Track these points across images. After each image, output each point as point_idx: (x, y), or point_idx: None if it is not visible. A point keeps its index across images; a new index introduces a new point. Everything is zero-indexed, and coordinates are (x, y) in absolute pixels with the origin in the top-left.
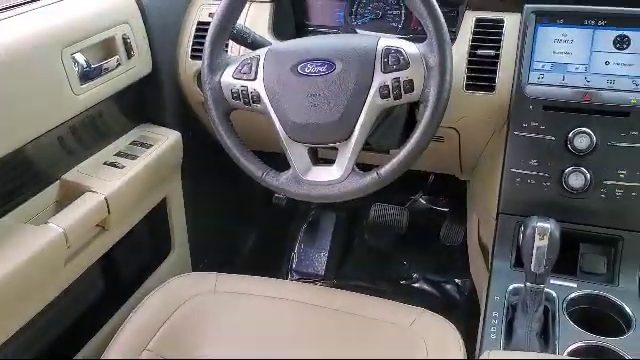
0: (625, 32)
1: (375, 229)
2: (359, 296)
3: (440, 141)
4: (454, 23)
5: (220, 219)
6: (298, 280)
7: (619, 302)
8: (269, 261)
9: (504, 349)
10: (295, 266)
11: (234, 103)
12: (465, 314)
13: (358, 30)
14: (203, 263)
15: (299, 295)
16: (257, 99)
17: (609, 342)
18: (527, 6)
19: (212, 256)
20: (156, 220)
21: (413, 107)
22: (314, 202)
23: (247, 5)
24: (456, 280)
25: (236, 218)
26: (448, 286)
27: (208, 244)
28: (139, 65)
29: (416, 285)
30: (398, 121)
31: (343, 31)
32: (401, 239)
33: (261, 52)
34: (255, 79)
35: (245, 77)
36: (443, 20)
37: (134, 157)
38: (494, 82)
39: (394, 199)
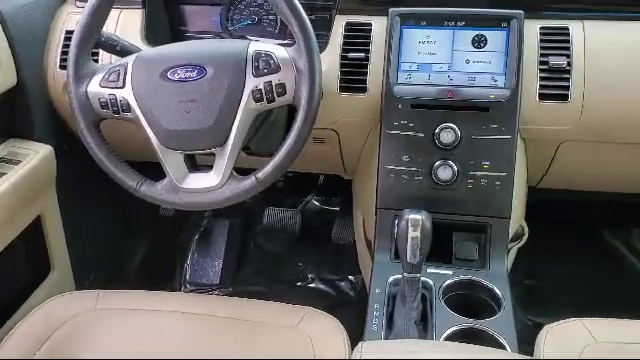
0: (482, 32)
1: (269, 233)
2: (245, 301)
3: (321, 142)
4: (329, 27)
5: (104, 234)
6: (192, 291)
7: (490, 285)
8: (161, 274)
9: (385, 339)
10: (189, 277)
11: (103, 113)
12: (358, 309)
13: (235, 35)
14: (88, 281)
15: (184, 306)
16: (127, 107)
17: (481, 324)
18: (392, 9)
19: (98, 273)
20: (31, 240)
21: (292, 110)
22: (197, 210)
23: (117, 12)
24: (349, 277)
25: (122, 231)
26: (342, 283)
27: (93, 261)
28: (1, 78)
29: (312, 285)
30: (278, 124)
31: (219, 37)
32: (296, 241)
33: (129, 59)
34: (124, 87)
35: (113, 85)
36: (309, 25)
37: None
38: (365, 84)
39: (287, 202)
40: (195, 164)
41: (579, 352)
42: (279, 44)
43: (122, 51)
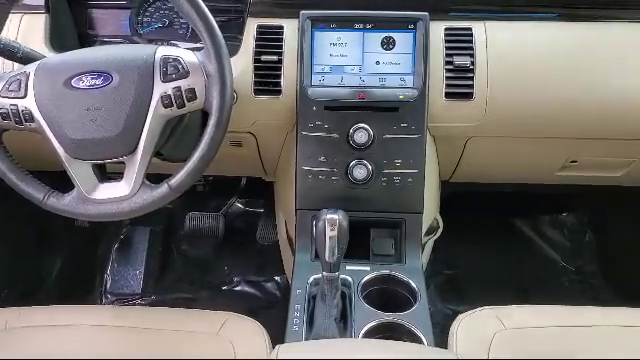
0: (390, 34)
1: (192, 238)
2: (164, 311)
3: (239, 146)
4: (241, 30)
5: (17, 248)
6: (114, 302)
7: (406, 279)
8: (80, 286)
9: (306, 339)
10: (109, 288)
11: (4, 124)
12: (284, 309)
13: (145, 39)
14: (0, 298)
15: (100, 319)
16: (30, 117)
17: (398, 317)
18: (302, 12)
19: (11, 290)
20: None
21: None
22: (109, 221)
23: (19, 17)
24: (275, 277)
25: (37, 245)
26: (268, 284)
27: (4, 277)
28: None
29: (238, 288)
30: (191, 129)
31: (130, 41)
32: (220, 245)
33: (31, 67)
34: (25, 96)
35: (14, 95)
36: (217, 28)
37: None
38: (280, 86)
39: (210, 206)
40: (105, 174)
41: (490, 339)
42: (191, 48)
43: (24, 58)
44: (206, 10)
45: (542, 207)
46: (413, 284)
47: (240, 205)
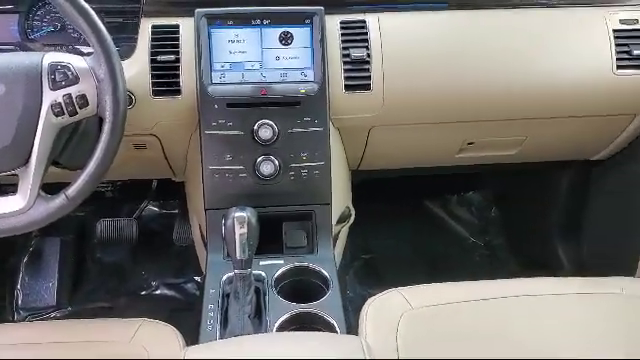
0: (288, 29)
1: (106, 246)
2: (74, 322)
3: (143, 148)
4: (136, 31)
5: None
6: (26, 317)
7: (318, 268)
8: None
9: (221, 338)
10: (21, 303)
11: None
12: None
13: (39, 44)
14: None
15: (10, 338)
16: None
17: (311, 306)
18: (197, 10)
19: None
20: None
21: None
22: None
23: None
24: (195, 278)
25: None
26: (188, 285)
27: None
28: None
29: (157, 292)
30: (89, 136)
31: (21, 47)
32: (135, 250)
33: None
34: None
35: None
36: (104, 30)
37: None
38: (179, 86)
39: (122, 211)
40: None
41: (397, 320)
42: (84, 52)
43: None
44: (91, 12)
45: (450, 187)
46: (325, 273)
47: (154, 208)
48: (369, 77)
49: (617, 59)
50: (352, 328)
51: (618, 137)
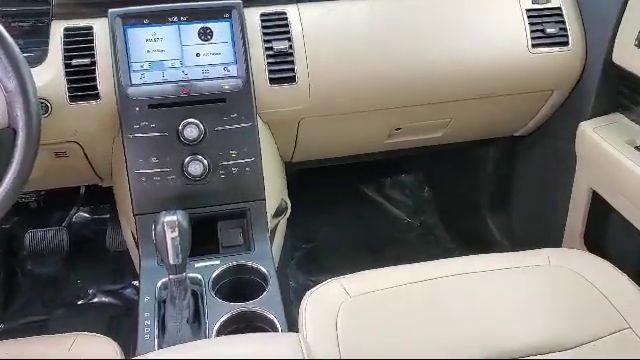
0: (206, 24)
1: (37, 257)
2: (2, 343)
3: (65, 156)
4: (47, 35)
5: None
6: None
7: (256, 265)
8: None
9: (159, 347)
10: None
11: None
12: None
13: None
14: None
15: None
16: None
17: (249, 305)
18: (111, 11)
19: None
20: None
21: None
22: None
23: None
24: (133, 282)
25: None
26: (127, 291)
27: None
28: None
29: (95, 301)
30: (4, 149)
31: None
32: (68, 259)
33: None
34: None
35: None
36: (9, 38)
37: None
38: (96, 90)
39: (52, 220)
40: None
41: (336, 310)
42: None
43: None
44: None
45: (383, 171)
46: (263, 269)
47: (84, 214)
48: (293, 69)
49: (532, 38)
50: (295, 321)
51: (538, 113)
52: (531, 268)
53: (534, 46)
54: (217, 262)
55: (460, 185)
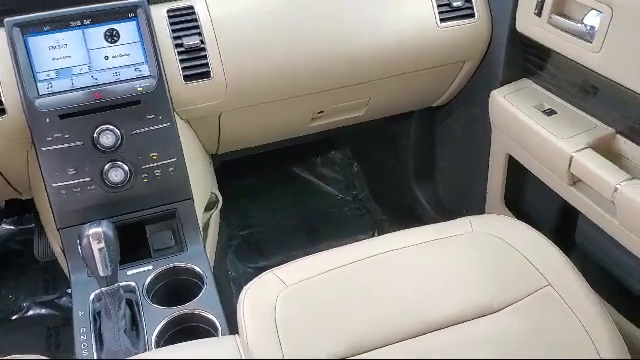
0: (112, 26)
1: None
2: None
3: None
4: None
5: None
6: None
7: (190, 266)
8: None
9: (99, 358)
10: None
11: None
12: None
13: None
14: None
15: None
16: None
17: (187, 307)
18: (7, 20)
19: None
20: None
21: None
22: None
23: None
24: (68, 290)
25: None
26: (63, 299)
27: None
28: None
29: (30, 313)
30: None
31: None
32: None
33: None
34: None
35: None
36: None
37: None
38: (2, 105)
39: None
40: None
41: (273, 303)
42: None
43: None
44: None
45: (313, 151)
46: (198, 269)
47: (9, 226)
48: (207, 64)
49: (439, 13)
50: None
51: (452, 84)
52: (455, 237)
53: (442, 20)
54: (150, 267)
55: (386, 158)
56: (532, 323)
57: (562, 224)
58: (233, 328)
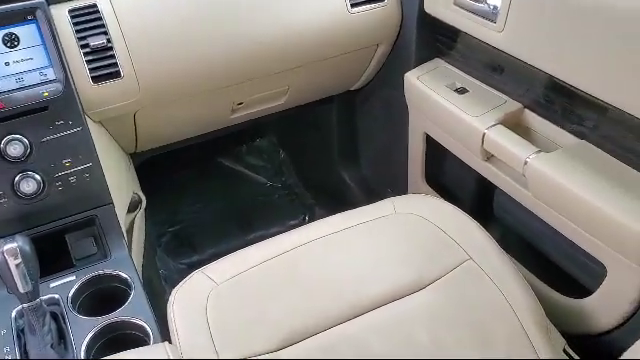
0: (10, 30)
1: None
2: None
3: None
4: None
5: None
6: None
7: (115, 272)
8: None
9: None
10: None
11: None
12: None
13: None
14: None
15: None
16: None
17: (116, 315)
18: None
19: None
20: None
21: None
22: None
23: None
24: None
25: None
26: None
27: None
28: None
29: None
30: None
31: None
32: None
33: None
34: None
35: None
36: None
37: None
38: None
39: None
40: None
41: (205, 303)
42: None
43: None
44: None
45: (238, 140)
46: (123, 275)
47: None
48: (116, 64)
49: None
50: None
51: (368, 67)
52: (379, 220)
53: (352, 6)
54: (73, 277)
55: (311, 143)
56: (457, 296)
57: (480, 198)
58: (167, 331)
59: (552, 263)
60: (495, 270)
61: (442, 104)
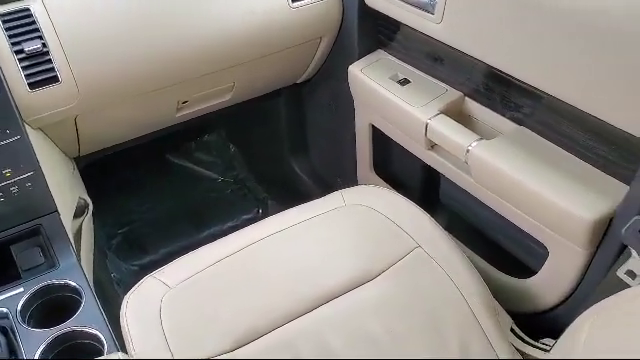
0: None
1: None
2: None
3: None
4: None
5: None
6: None
7: (64, 281)
8: None
9: None
10: None
11: None
12: None
13: None
14: None
15: None
16: None
17: (68, 325)
18: None
19: None
20: None
21: None
22: None
23: None
24: None
25: None
26: None
27: None
28: None
29: None
30: None
31: None
32: None
33: None
34: None
35: None
36: None
37: None
38: None
39: None
40: None
41: (158, 307)
42: None
43: None
44: None
45: (186, 137)
46: (73, 283)
47: None
48: (53, 69)
49: None
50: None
51: (313, 60)
52: (330, 212)
53: (293, 0)
54: (21, 289)
55: (261, 136)
56: (407, 284)
57: (426, 186)
58: (122, 336)
59: (497, 246)
60: (443, 256)
61: (386, 96)
